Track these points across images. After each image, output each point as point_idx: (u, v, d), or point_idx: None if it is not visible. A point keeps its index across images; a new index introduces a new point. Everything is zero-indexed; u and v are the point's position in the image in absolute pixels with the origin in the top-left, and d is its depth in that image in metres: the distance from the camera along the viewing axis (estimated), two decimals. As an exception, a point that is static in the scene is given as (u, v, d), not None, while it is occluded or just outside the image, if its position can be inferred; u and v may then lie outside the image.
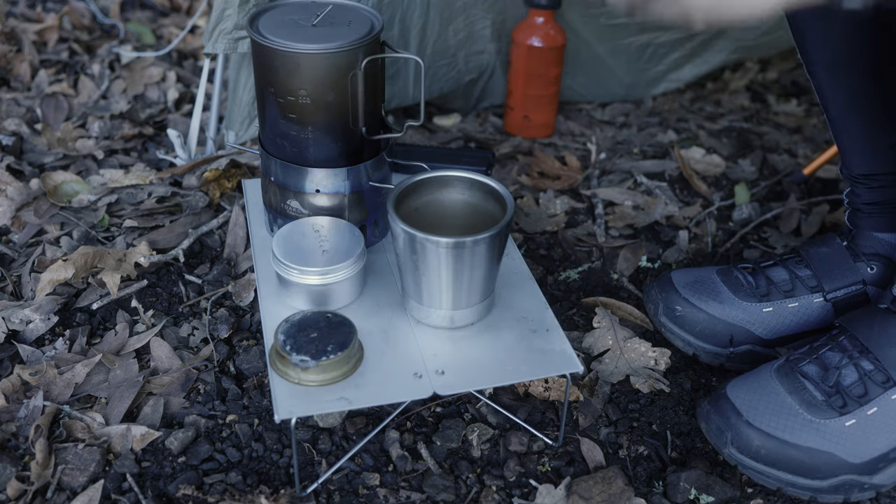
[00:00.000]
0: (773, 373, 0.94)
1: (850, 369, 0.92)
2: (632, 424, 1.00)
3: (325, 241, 0.94)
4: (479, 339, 0.91)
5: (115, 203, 1.33)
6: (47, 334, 1.09)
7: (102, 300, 1.14)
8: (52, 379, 1.01)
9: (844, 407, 0.90)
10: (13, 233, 1.27)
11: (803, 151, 1.57)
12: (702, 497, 0.91)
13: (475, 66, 1.56)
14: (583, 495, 0.89)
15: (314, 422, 0.98)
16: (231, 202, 1.32)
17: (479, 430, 0.97)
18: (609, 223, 1.34)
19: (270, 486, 0.90)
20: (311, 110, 0.94)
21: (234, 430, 0.97)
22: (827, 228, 1.35)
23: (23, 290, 1.16)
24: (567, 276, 1.23)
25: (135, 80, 1.71)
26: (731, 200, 1.42)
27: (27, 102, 1.61)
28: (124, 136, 1.52)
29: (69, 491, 0.89)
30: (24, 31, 1.83)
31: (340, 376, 0.85)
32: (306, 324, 0.86)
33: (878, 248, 1.05)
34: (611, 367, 1.07)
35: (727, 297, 1.06)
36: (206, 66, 1.34)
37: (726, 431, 0.92)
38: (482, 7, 1.50)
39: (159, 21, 2.01)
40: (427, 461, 0.94)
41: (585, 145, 1.56)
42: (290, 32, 0.93)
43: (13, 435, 0.95)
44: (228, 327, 1.09)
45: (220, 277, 1.18)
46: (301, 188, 0.99)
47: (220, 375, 1.03)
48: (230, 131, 1.38)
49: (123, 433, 0.94)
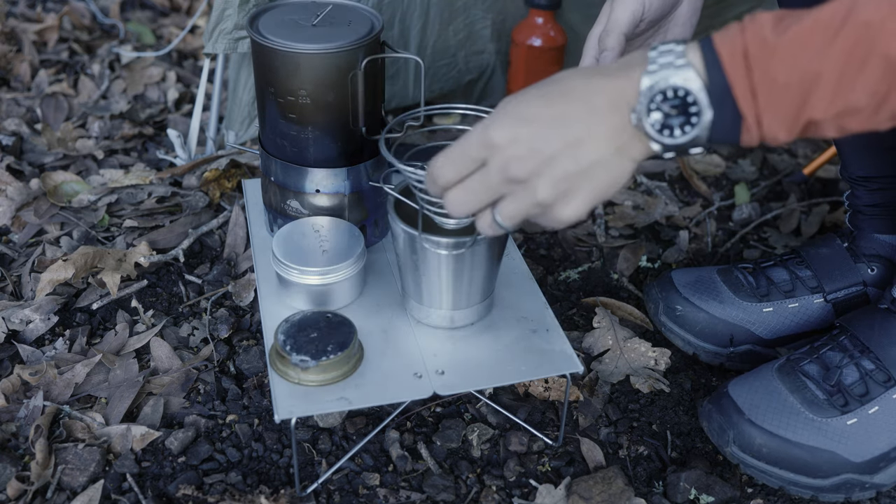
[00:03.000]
0: (775, 372, 0.94)
1: (852, 369, 0.92)
2: (632, 424, 1.00)
3: (325, 241, 0.94)
4: (479, 339, 0.91)
5: (115, 203, 1.33)
6: (47, 334, 1.09)
7: (102, 300, 1.13)
8: (52, 379, 1.01)
9: (846, 406, 0.90)
10: (13, 233, 1.27)
11: (803, 151, 1.57)
12: (702, 497, 0.91)
13: (475, 66, 1.56)
14: (583, 495, 0.89)
15: (314, 422, 0.98)
16: (231, 202, 1.32)
17: (479, 430, 0.97)
18: (609, 223, 1.34)
19: (270, 486, 0.90)
20: (311, 110, 0.94)
21: (234, 430, 0.97)
22: (827, 228, 1.35)
23: (23, 290, 1.16)
24: (567, 276, 1.23)
25: (135, 80, 1.71)
26: (731, 200, 1.42)
27: (27, 102, 1.61)
28: (124, 136, 1.52)
29: (69, 491, 0.89)
30: (24, 31, 1.83)
31: (340, 376, 0.85)
32: (306, 324, 0.86)
33: (878, 250, 1.05)
34: (611, 367, 1.07)
35: (727, 297, 1.06)
36: (206, 66, 1.34)
37: (728, 430, 0.92)
38: (482, 7, 1.50)
39: (159, 21, 2.01)
40: (427, 461, 0.94)
41: (585, 145, 1.56)
42: (290, 32, 0.93)
43: (13, 435, 0.95)
44: (228, 327, 1.09)
45: (220, 277, 1.18)
46: (301, 188, 0.99)
47: (220, 375, 1.03)
48: (230, 131, 1.38)
49: (123, 433, 0.94)
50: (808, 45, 0.58)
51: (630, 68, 0.64)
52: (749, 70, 0.59)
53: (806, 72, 0.58)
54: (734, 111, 0.61)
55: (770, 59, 0.59)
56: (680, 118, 0.62)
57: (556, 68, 1.52)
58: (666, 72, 0.61)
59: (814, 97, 0.59)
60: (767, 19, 0.60)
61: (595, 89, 0.64)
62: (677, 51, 0.62)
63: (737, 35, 0.60)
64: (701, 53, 0.61)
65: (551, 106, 0.65)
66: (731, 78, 0.60)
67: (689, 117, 0.62)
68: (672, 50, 0.62)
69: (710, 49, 0.61)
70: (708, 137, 0.63)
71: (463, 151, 0.68)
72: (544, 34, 1.48)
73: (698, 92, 0.61)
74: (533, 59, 1.49)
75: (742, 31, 0.60)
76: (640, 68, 0.63)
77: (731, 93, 0.60)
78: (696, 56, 0.62)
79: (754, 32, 0.60)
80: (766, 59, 0.59)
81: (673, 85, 0.61)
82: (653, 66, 0.62)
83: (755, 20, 0.60)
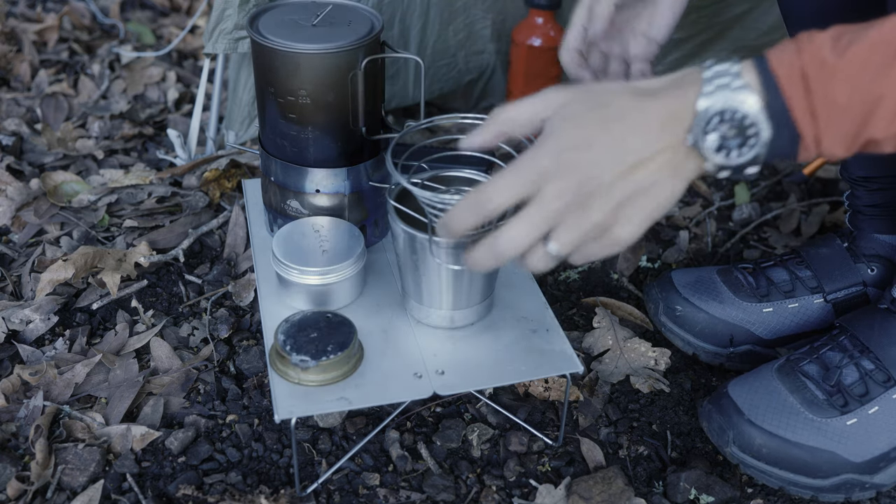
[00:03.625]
0: (775, 372, 0.94)
1: (851, 369, 0.92)
2: (632, 424, 1.00)
3: (324, 241, 0.94)
4: (479, 339, 0.91)
5: (115, 203, 1.33)
6: (47, 334, 1.09)
7: (102, 300, 1.13)
8: (52, 379, 1.01)
9: (846, 406, 0.90)
10: (13, 233, 1.27)
11: (803, 151, 1.57)
12: (702, 497, 0.91)
13: (475, 66, 1.56)
14: (583, 495, 0.89)
15: (314, 422, 0.98)
16: (231, 202, 1.32)
17: (479, 430, 0.97)
18: (609, 223, 1.34)
19: (270, 486, 0.90)
20: (311, 110, 0.94)
21: (234, 430, 0.97)
22: (827, 229, 1.35)
23: (23, 290, 1.16)
24: (567, 276, 1.23)
25: (135, 80, 1.71)
26: (731, 200, 1.42)
27: (27, 102, 1.61)
28: (124, 136, 1.52)
29: (69, 491, 0.89)
30: (24, 31, 1.83)
31: (340, 376, 0.85)
32: (306, 324, 0.86)
33: (878, 250, 1.05)
34: (611, 367, 1.07)
35: (727, 297, 1.06)
36: (206, 66, 1.34)
37: (728, 430, 0.92)
38: (482, 7, 1.50)
39: (159, 21, 2.01)
40: (427, 461, 0.94)
41: (585, 145, 1.56)
42: (289, 32, 0.93)
43: (13, 435, 0.95)
44: (228, 327, 1.09)
45: (220, 277, 1.18)
46: (301, 188, 0.99)
47: (220, 375, 1.03)
48: (230, 131, 1.38)
49: (123, 433, 0.94)
50: (868, 65, 0.57)
51: (682, 88, 0.64)
52: (808, 91, 0.59)
53: (867, 93, 0.58)
54: (793, 132, 0.61)
55: (830, 81, 0.58)
56: (738, 139, 0.62)
57: (556, 68, 1.52)
58: (723, 94, 0.61)
59: (875, 118, 0.59)
60: (825, 39, 0.59)
61: (649, 112, 0.64)
62: (733, 71, 0.62)
63: (794, 56, 0.60)
64: (757, 73, 0.61)
65: (606, 130, 0.64)
66: (789, 100, 0.60)
67: (746, 139, 0.62)
68: (728, 71, 0.62)
69: (766, 70, 0.61)
70: (765, 156, 0.63)
71: (516, 178, 0.66)
72: (544, 34, 1.48)
73: (757, 114, 0.61)
74: (533, 59, 1.49)
75: (799, 52, 0.60)
76: (694, 89, 0.63)
77: (790, 114, 0.60)
78: (752, 77, 0.61)
79: (812, 53, 0.59)
80: (826, 80, 0.58)
81: (731, 107, 0.61)
82: (708, 88, 0.62)
83: (813, 40, 0.60)
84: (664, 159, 0.64)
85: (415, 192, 0.80)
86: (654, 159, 0.64)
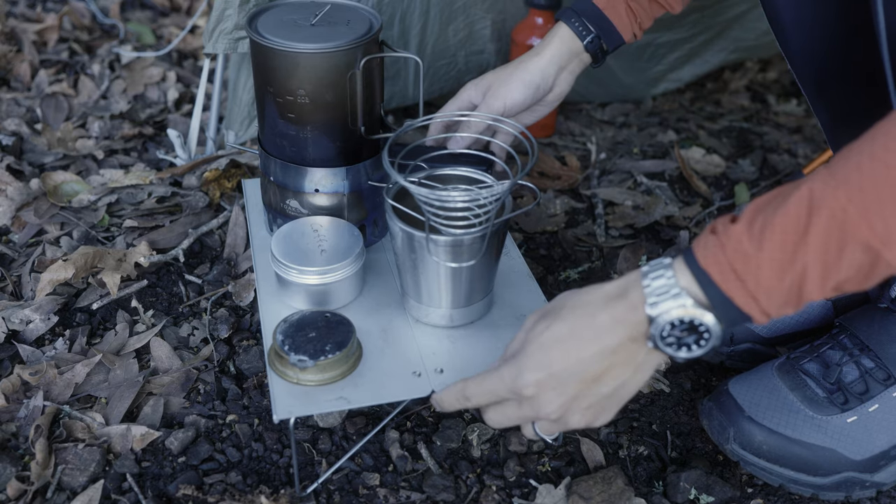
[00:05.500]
0: (775, 370, 0.94)
1: (851, 367, 0.92)
2: (632, 424, 1.00)
3: (323, 241, 0.94)
4: (478, 337, 0.91)
5: (115, 203, 1.33)
6: (47, 334, 1.09)
7: (102, 300, 1.14)
8: (52, 379, 1.01)
9: (846, 404, 0.90)
10: (13, 233, 1.27)
11: (803, 151, 1.57)
12: (702, 497, 0.91)
13: (475, 66, 1.56)
14: (583, 495, 0.89)
15: (314, 422, 0.98)
16: (231, 202, 1.32)
17: (479, 430, 0.97)
18: (609, 223, 1.34)
19: (270, 486, 0.90)
20: (309, 110, 0.94)
21: (234, 430, 0.97)
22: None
23: (23, 290, 1.16)
24: (567, 276, 1.23)
25: (135, 80, 1.71)
26: (731, 200, 1.42)
27: (27, 102, 1.61)
28: (124, 136, 1.52)
29: (69, 491, 0.89)
30: (24, 31, 1.83)
31: (339, 376, 0.84)
32: (305, 323, 0.86)
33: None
34: (611, 367, 1.06)
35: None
36: (206, 66, 1.34)
37: (729, 428, 0.92)
38: (482, 7, 1.50)
39: (159, 21, 2.01)
40: (427, 461, 0.94)
41: (585, 145, 1.56)
42: (289, 32, 0.93)
43: (13, 435, 0.95)
44: (228, 327, 1.09)
45: (220, 277, 1.18)
46: (300, 188, 0.99)
47: (220, 375, 1.03)
48: (230, 131, 1.38)
49: (123, 433, 0.94)
50: (785, 246, 0.62)
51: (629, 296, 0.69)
52: (743, 282, 0.64)
53: (792, 271, 0.63)
54: (740, 314, 0.66)
55: (758, 271, 0.63)
56: (693, 336, 0.68)
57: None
58: (666, 304, 0.67)
59: (808, 285, 0.63)
60: (742, 232, 0.64)
61: (603, 326, 0.70)
62: (667, 276, 0.67)
63: (719, 252, 0.65)
64: (691, 275, 0.66)
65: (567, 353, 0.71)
66: (728, 293, 0.65)
67: (700, 335, 0.68)
68: (662, 275, 0.67)
69: (698, 269, 0.66)
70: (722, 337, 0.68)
71: (494, 391, 0.76)
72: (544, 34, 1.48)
73: (702, 316, 0.66)
74: (533, 59, 1.49)
75: (722, 248, 0.64)
76: (640, 297, 0.68)
77: (734, 302, 0.65)
78: (687, 280, 0.66)
79: (734, 249, 0.64)
80: (754, 271, 0.63)
81: (678, 317, 0.66)
82: (652, 299, 0.67)
83: (730, 234, 0.64)
84: (626, 365, 0.71)
85: (412, 191, 0.80)
86: (617, 367, 0.71)
